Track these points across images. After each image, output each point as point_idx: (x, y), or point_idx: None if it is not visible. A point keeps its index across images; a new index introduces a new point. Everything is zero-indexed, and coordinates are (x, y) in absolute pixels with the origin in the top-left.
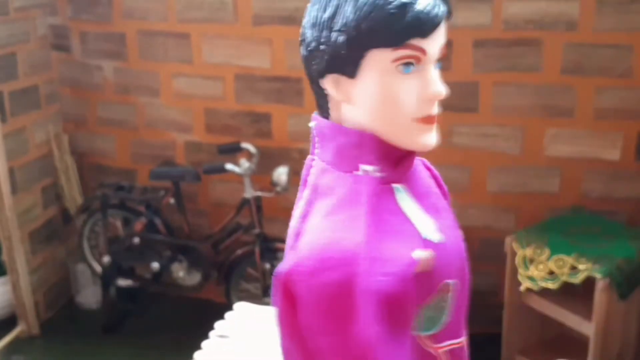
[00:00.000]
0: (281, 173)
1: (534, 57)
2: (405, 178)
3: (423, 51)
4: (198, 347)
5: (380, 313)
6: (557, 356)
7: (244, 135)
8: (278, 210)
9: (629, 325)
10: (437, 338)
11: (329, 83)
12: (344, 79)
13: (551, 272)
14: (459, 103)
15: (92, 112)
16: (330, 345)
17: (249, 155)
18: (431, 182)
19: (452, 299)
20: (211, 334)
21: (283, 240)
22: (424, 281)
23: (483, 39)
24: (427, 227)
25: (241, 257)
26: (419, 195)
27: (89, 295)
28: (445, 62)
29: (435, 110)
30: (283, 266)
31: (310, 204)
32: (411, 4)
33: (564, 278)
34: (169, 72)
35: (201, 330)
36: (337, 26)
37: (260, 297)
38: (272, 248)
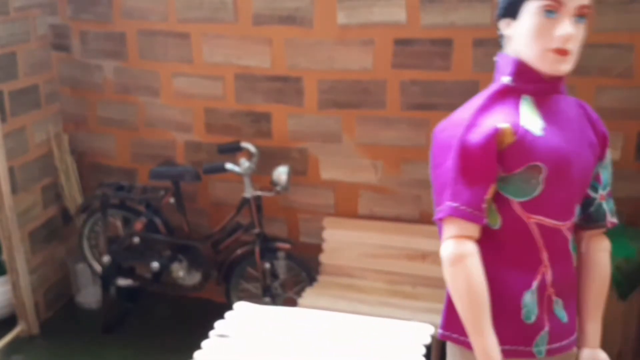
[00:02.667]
0: (281, 172)
1: None
2: (543, 98)
3: (559, 3)
4: (198, 347)
5: (464, 160)
6: None
7: (243, 135)
8: (278, 209)
9: (628, 325)
10: (527, 208)
11: (503, 24)
12: (512, 21)
13: None
14: (459, 102)
15: (92, 112)
16: (438, 174)
17: (249, 155)
18: (573, 116)
19: (544, 182)
20: (211, 333)
21: (283, 240)
22: (515, 154)
23: (483, 38)
24: (533, 123)
25: (241, 257)
26: (548, 112)
27: (89, 295)
28: (444, 61)
29: (565, 45)
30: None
31: None
32: None
33: None
34: (169, 72)
35: (201, 330)
36: None
37: (260, 296)
38: (272, 248)
